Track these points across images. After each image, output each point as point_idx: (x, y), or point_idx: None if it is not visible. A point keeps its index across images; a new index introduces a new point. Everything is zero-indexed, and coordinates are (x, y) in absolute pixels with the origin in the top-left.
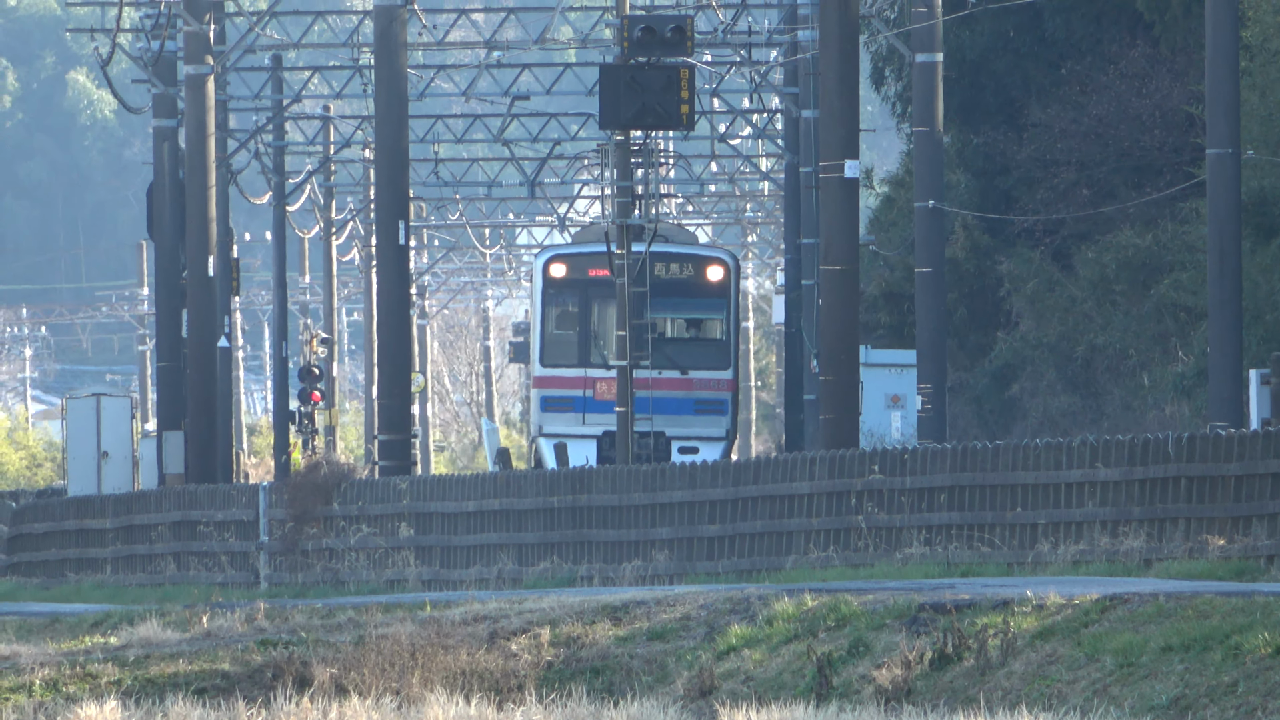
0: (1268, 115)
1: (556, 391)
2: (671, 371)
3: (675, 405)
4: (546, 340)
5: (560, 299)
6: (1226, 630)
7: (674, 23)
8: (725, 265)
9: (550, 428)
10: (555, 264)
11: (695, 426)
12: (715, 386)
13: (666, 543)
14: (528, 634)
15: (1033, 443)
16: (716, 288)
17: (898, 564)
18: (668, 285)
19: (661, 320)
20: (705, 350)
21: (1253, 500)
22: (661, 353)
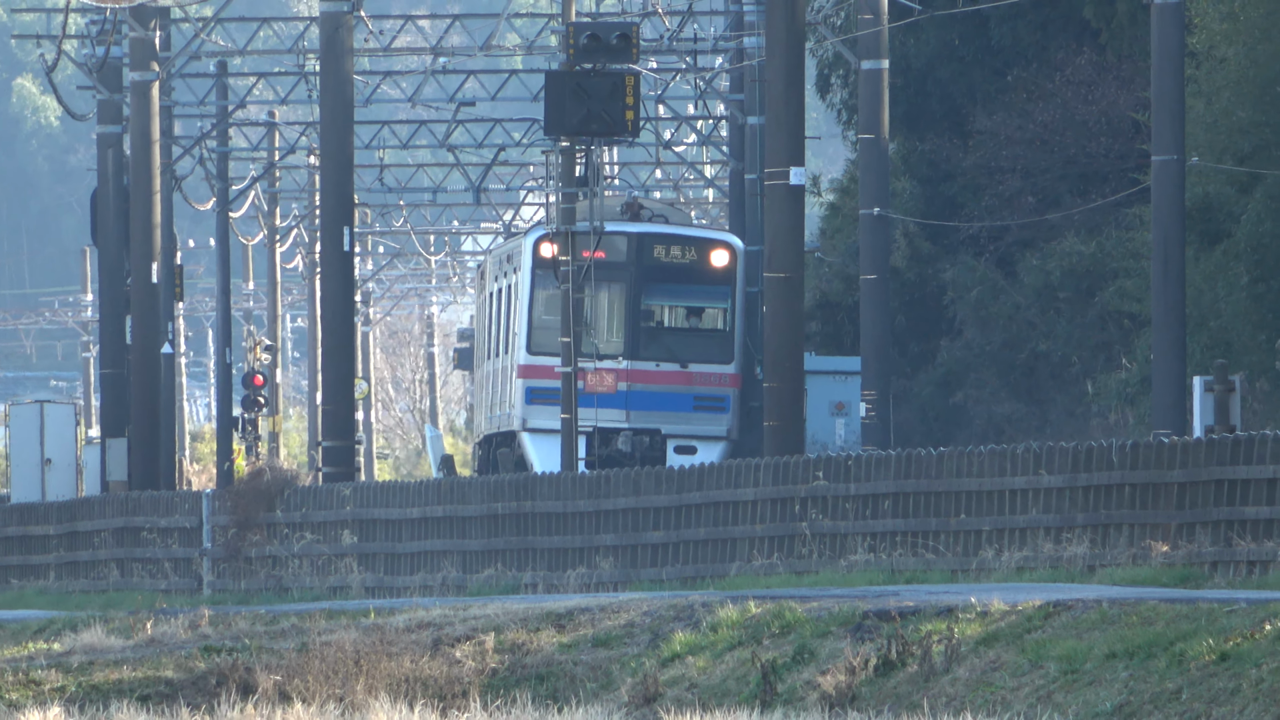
0: (1213, 122)
1: (543, 382)
2: (670, 364)
3: (672, 401)
4: (534, 326)
5: (550, 281)
6: (1170, 637)
7: (620, 30)
8: (730, 249)
9: (536, 421)
10: (545, 243)
11: (694, 424)
12: (717, 381)
13: (611, 550)
14: (472, 641)
15: (977, 450)
16: (720, 274)
17: (842, 571)
18: (667, 270)
19: (659, 308)
20: (707, 342)
21: (1196, 507)
22: (659, 344)
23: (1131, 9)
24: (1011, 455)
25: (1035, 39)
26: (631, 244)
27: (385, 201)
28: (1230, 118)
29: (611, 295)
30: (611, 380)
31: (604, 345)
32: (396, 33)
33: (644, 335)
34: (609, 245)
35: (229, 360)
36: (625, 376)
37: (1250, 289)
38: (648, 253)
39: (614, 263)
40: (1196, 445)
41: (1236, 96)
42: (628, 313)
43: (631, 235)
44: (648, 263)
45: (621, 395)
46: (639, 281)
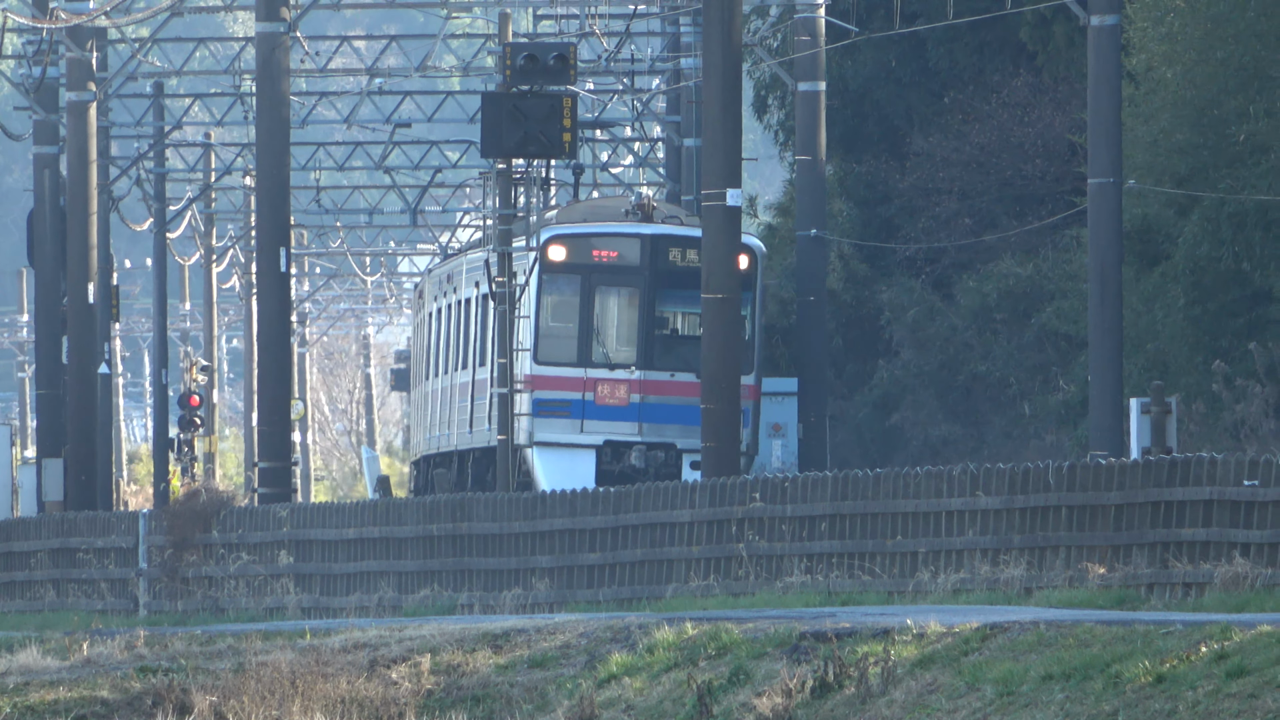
0: (1151, 144)
1: (551, 394)
2: (685, 375)
3: (688, 414)
4: (541, 334)
5: (559, 286)
6: (1107, 659)
7: (557, 51)
8: (750, 253)
9: (544, 435)
10: (554, 245)
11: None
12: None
13: (547, 571)
14: (408, 662)
15: (913, 471)
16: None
17: (779, 592)
18: (682, 274)
19: (674, 315)
20: None
21: (1133, 529)
22: (674, 353)
23: (1068, 31)
24: (948, 477)
25: (972, 61)
26: (645, 246)
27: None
28: (1168, 139)
29: (622, 301)
30: (623, 392)
31: (614, 354)
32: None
33: (658, 344)
34: (619, 248)
35: (165, 381)
36: (638, 388)
37: (1187, 311)
38: (662, 256)
39: (625, 266)
40: (1133, 467)
41: (1174, 118)
42: (641, 320)
43: (645, 237)
44: (662, 266)
45: (634, 408)
46: (653, 286)
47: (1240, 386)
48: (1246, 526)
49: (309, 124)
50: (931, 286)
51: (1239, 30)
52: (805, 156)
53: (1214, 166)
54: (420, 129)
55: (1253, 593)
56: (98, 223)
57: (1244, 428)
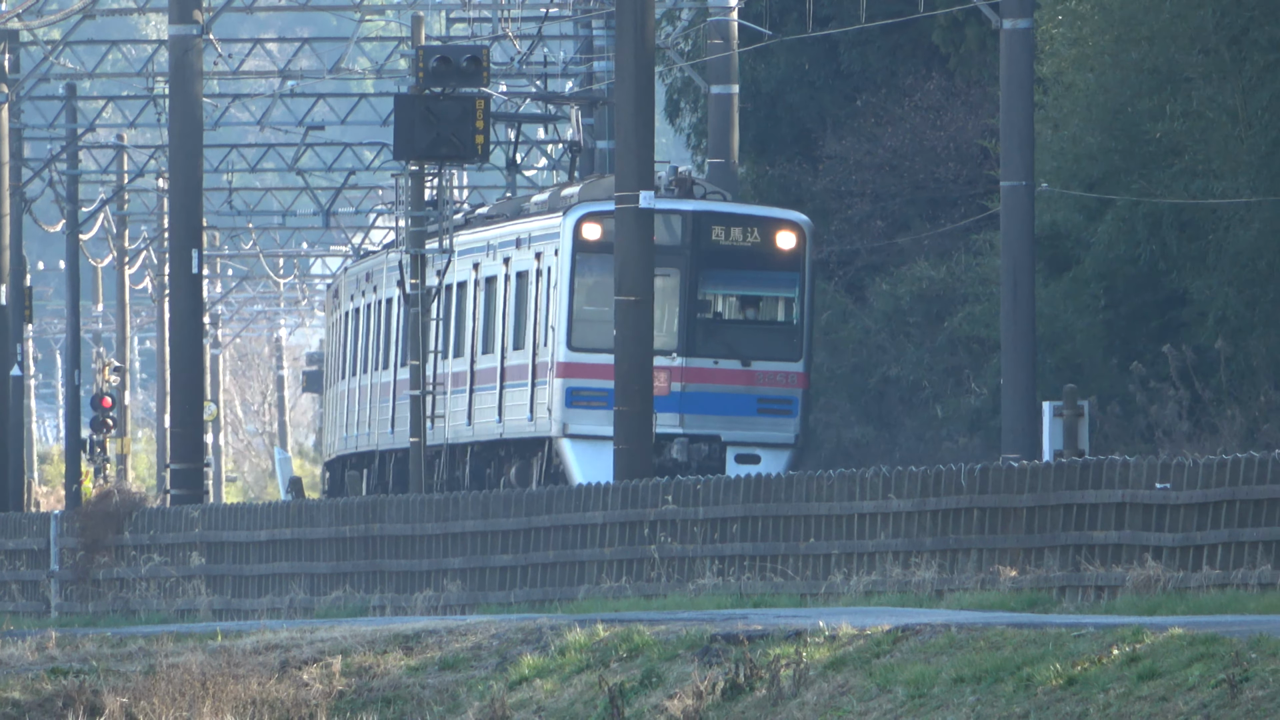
0: (1062, 148)
1: (586, 382)
2: (730, 362)
3: (733, 403)
4: (575, 318)
5: (594, 266)
6: (1018, 661)
7: (470, 53)
8: (799, 231)
9: (578, 426)
10: (589, 224)
11: (757, 430)
12: (783, 381)
13: (459, 572)
14: (319, 663)
15: (826, 474)
16: (787, 258)
17: (690, 594)
18: (727, 254)
19: (717, 297)
20: (771, 336)
21: (1045, 531)
22: (718, 338)
23: (980, 35)
24: (860, 479)
25: (885, 64)
26: (686, 224)
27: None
28: (1079, 144)
29: (662, 282)
30: (664, 380)
31: (655, 340)
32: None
33: (701, 329)
34: (658, 225)
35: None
36: (679, 375)
37: (1099, 315)
38: (705, 234)
39: (665, 245)
40: (1045, 470)
41: (1085, 123)
42: (682, 303)
43: (686, 214)
44: (705, 246)
45: (675, 397)
46: (695, 267)
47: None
48: (1159, 529)
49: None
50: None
51: (1152, 32)
52: (718, 160)
53: (1127, 170)
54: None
55: (1164, 595)
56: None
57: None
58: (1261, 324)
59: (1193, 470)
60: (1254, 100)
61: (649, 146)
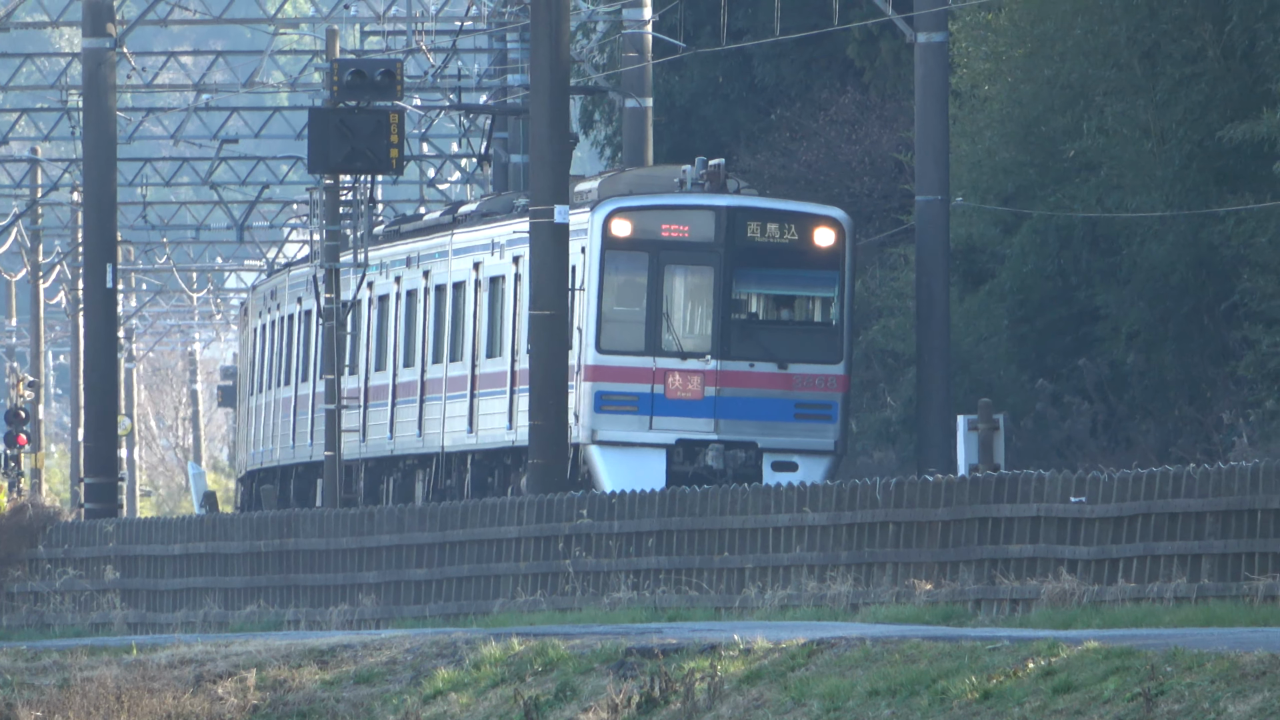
0: (977, 162)
1: (616, 386)
2: (766, 364)
3: (769, 408)
4: (604, 319)
5: (623, 265)
6: (933, 675)
7: (384, 67)
8: (839, 227)
9: (607, 433)
10: (618, 219)
11: (795, 436)
12: (822, 385)
13: (374, 587)
14: (234, 677)
15: (741, 487)
16: (826, 256)
17: (605, 608)
18: (762, 251)
19: (752, 297)
20: (809, 338)
21: (960, 545)
22: (754, 340)
23: (895, 48)
24: (775, 493)
25: (799, 78)
26: (720, 219)
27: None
28: (994, 157)
29: (695, 281)
30: (697, 384)
31: (687, 342)
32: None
33: (735, 330)
34: (691, 221)
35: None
36: (714, 379)
37: (1013, 329)
38: (740, 230)
39: (698, 242)
40: (960, 484)
41: (1000, 136)
42: (716, 303)
43: (720, 209)
44: (740, 242)
45: (709, 402)
46: (730, 265)
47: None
48: (1073, 543)
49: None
50: None
51: (1065, 48)
52: None
53: (1041, 184)
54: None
55: (1079, 609)
56: None
57: (1071, 444)
58: (1174, 338)
59: (1107, 484)
60: (1166, 115)
61: (564, 160)
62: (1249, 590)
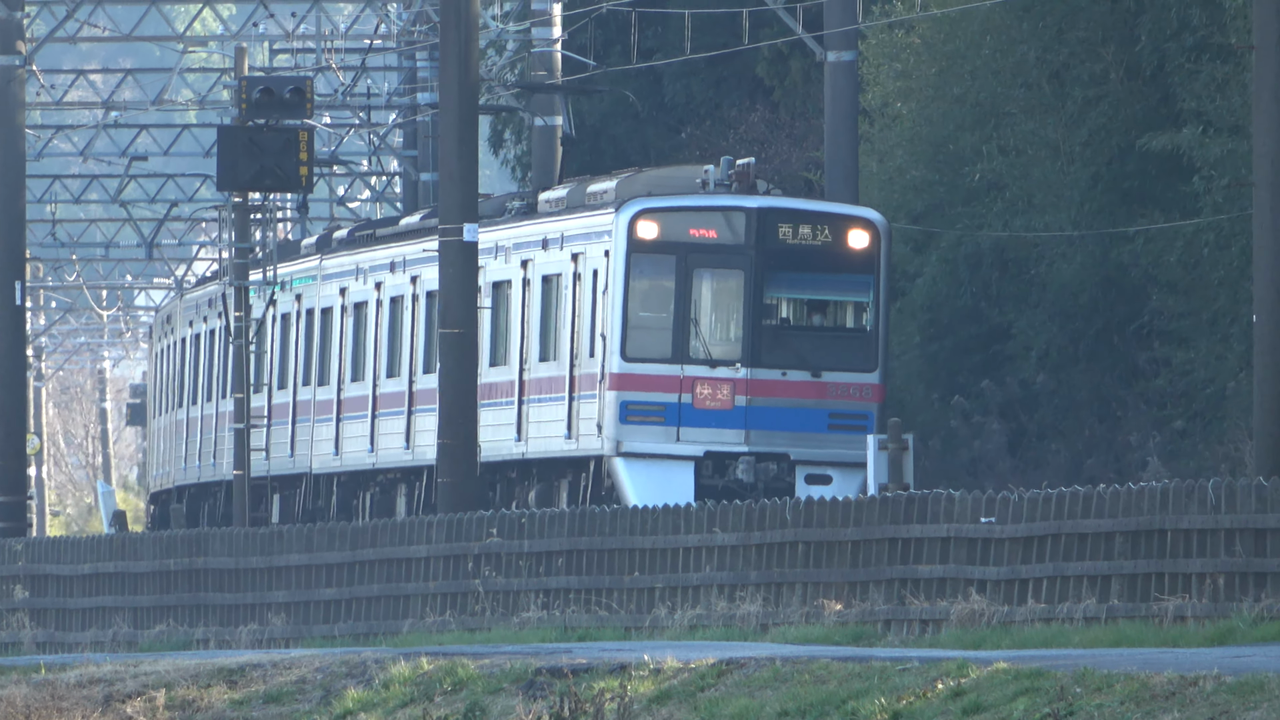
0: (887, 180)
1: (641, 395)
2: (799, 373)
3: (802, 419)
4: (630, 325)
5: (649, 268)
6: (843, 695)
7: (293, 85)
8: (873, 229)
9: (633, 444)
10: (644, 220)
11: (829, 448)
12: (857, 394)
13: (283, 606)
14: (143, 697)
15: (650, 507)
16: (860, 259)
17: (515, 628)
18: (795, 254)
19: (784, 302)
20: (844, 345)
21: (870, 565)
22: (786, 347)
23: (805, 67)
24: (685, 513)
25: (709, 96)
26: (751, 221)
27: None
28: (904, 176)
29: (725, 286)
30: (726, 393)
31: (716, 349)
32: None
33: (767, 336)
34: (720, 223)
35: None
36: (744, 388)
37: (924, 348)
38: (771, 232)
39: (727, 245)
40: (870, 504)
41: (910, 155)
42: (747, 308)
43: (751, 211)
44: (771, 245)
45: (739, 412)
46: (761, 268)
47: (977, 423)
48: (983, 563)
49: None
50: None
51: (974, 67)
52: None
53: (951, 203)
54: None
55: (989, 629)
56: None
57: (981, 464)
58: (1084, 358)
59: (1017, 504)
60: (1074, 135)
61: (473, 178)
62: (1158, 611)
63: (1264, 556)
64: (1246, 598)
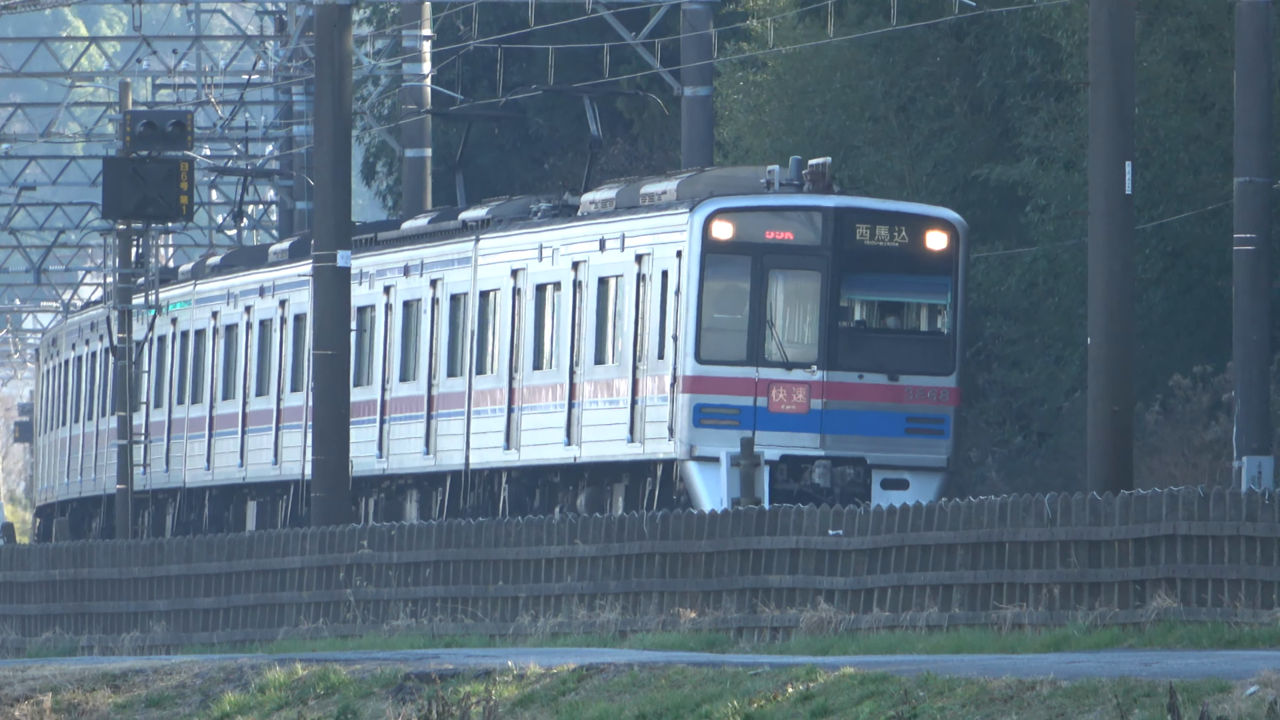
0: None
1: (715, 398)
2: (875, 376)
3: (879, 423)
4: (704, 327)
5: (724, 269)
6: (698, 699)
7: (174, 118)
8: (952, 230)
9: (705, 447)
10: (719, 220)
11: (906, 452)
12: (934, 398)
13: (164, 614)
14: (30, 700)
15: (515, 520)
16: (938, 260)
17: (385, 635)
18: (872, 255)
19: (860, 304)
20: (921, 347)
21: (722, 575)
22: (862, 350)
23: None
24: (547, 526)
25: (570, 129)
26: (828, 221)
27: None
28: None
29: (799, 287)
30: (802, 396)
31: (792, 351)
32: None
33: (843, 339)
34: (796, 224)
35: None
36: (820, 391)
37: None
38: (848, 233)
39: (803, 246)
40: (724, 517)
41: None
42: (823, 310)
43: (828, 210)
44: (848, 246)
45: (815, 415)
46: (838, 270)
47: None
48: (830, 574)
49: None
50: None
51: (824, 102)
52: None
53: None
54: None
55: (836, 636)
56: None
57: None
58: None
59: (863, 518)
60: (920, 167)
61: (346, 207)
62: (997, 619)
63: (1098, 567)
64: (1081, 606)
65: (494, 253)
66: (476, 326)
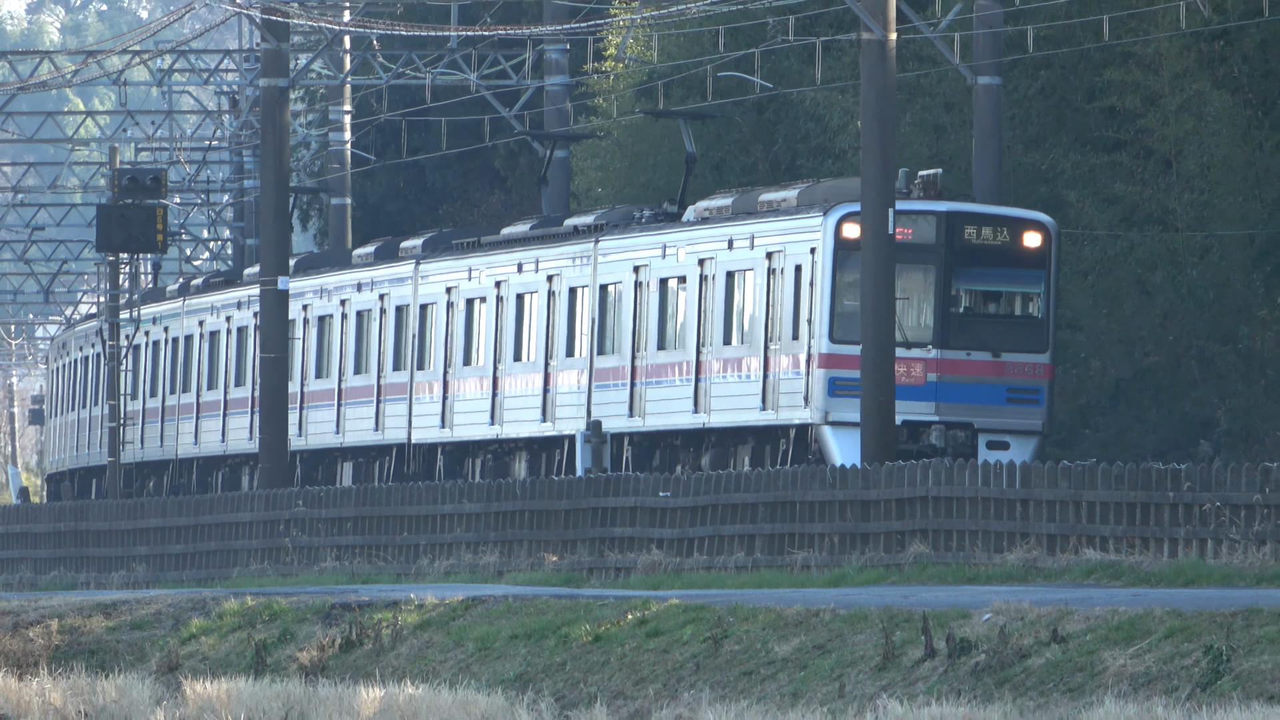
0: None
1: (846, 372)
2: (981, 353)
3: (984, 393)
4: (836, 312)
5: (853, 264)
6: (558, 624)
7: (153, 174)
8: (1045, 231)
9: (839, 414)
10: (849, 222)
11: (1007, 418)
12: (1030, 372)
13: (145, 558)
14: (41, 624)
15: (416, 484)
16: (1034, 256)
17: (316, 574)
18: (977, 252)
19: (969, 293)
20: (1019, 329)
21: (578, 528)
22: (970, 331)
23: (531, 161)
24: (441, 489)
25: (459, 183)
26: (940, 223)
27: None
28: None
29: (918, 279)
30: (919, 370)
31: (910, 333)
32: None
33: (954, 322)
34: (913, 224)
35: None
36: (935, 367)
37: None
38: (958, 233)
39: (920, 244)
40: (579, 482)
41: None
42: (937, 298)
43: (940, 214)
44: (958, 244)
45: (930, 386)
46: (949, 264)
47: None
48: (661, 526)
49: None
50: None
51: (656, 161)
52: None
53: None
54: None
55: (665, 575)
56: None
57: None
58: None
59: (686, 483)
60: None
61: (286, 244)
62: (790, 562)
63: (868, 521)
64: (855, 551)
65: (615, 251)
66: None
